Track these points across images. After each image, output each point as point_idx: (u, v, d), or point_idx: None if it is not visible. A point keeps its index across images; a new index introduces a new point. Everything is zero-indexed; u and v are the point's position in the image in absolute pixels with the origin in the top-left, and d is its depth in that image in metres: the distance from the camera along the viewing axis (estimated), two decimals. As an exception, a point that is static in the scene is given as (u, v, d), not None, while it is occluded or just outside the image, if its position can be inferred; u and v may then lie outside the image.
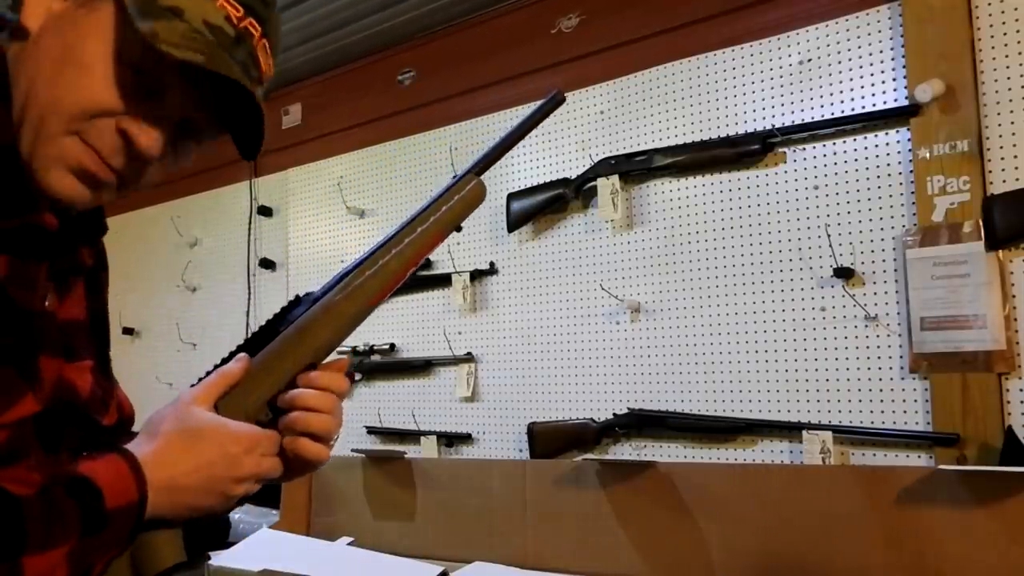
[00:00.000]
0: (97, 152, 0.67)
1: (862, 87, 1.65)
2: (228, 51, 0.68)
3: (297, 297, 0.80)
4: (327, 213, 2.59)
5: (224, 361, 0.77)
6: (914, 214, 1.57)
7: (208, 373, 0.76)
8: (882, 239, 1.61)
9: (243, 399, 0.74)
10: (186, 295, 2.99)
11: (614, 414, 1.89)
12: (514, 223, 2.08)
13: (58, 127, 0.65)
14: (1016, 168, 1.48)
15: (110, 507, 0.63)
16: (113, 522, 0.63)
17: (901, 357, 1.58)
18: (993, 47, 1.51)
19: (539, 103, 0.88)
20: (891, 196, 1.61)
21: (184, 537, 0.72)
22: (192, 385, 0.76)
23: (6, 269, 0.64)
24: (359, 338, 2.38)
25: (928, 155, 1.54)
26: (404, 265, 0.80)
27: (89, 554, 0.63)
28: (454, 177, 0.84)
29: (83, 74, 0.65)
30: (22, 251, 0.65)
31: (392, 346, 2.35)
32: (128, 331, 3.12)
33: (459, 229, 0.84)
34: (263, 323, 0.79)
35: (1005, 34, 1.50)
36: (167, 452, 0.68)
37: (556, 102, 0.88)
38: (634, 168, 1.90)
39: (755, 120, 1.78)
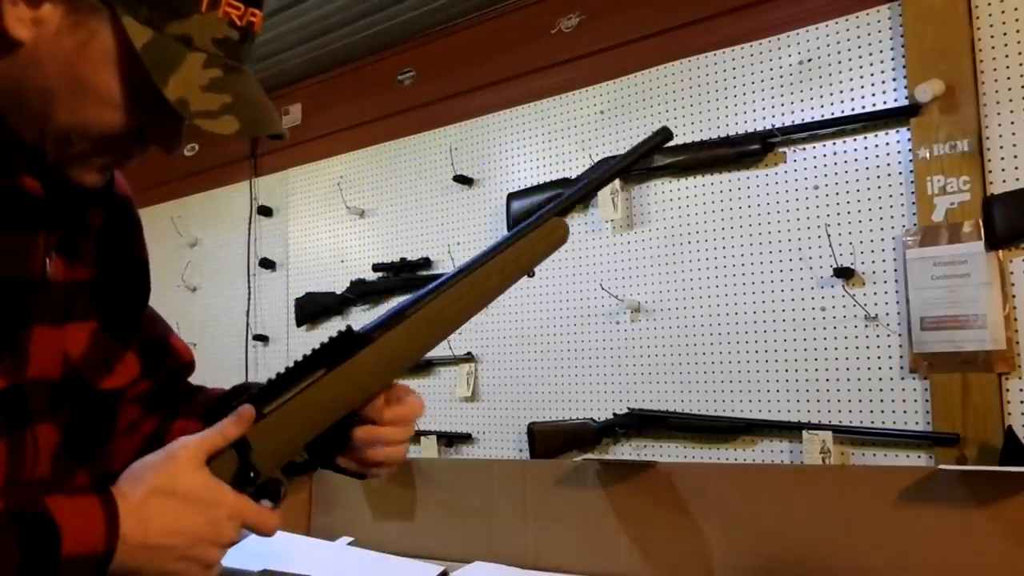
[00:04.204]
0: (126, 153, 0.72)
1: (862, 87, 1.65)
2: (238, 57, 0.70)
3: (323, 344, 0.75)
4: (327, 213, 2.59)
5: (227, 396, 0.74)
6: (914, 214, 1.57)
7: (210, 407, 0.74)
8: (882, 239, 1.61)
9: (232, 463, 0.72)
10: (186, 295, 2.98)
11: (614, 414, 1.89)
12: (514, 223, 2.08)
13: (90, 146, 0.69)
14: (1016, 168, 1.48)
15: (66, 553, 0.58)
16: (67, 570, 0.59)
17: (901, 357, 1.58)
18: (993, 47, 1.51)
19: (643, 139, 0.82)
20: (891, 196, 1.61)
21: None
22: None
23: None
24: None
25: (928, 155, 1.54)
26: (466, 309, 0.76)
27: None
28: (536, 216, 0.79)
29: (105, 108, 0.67)
30: (5, 218, 0.65)
31: (392, 346, 2.35)
32: (128, 331, 3.12)
33: (531, 274, 0.79)
34: (282, 372, 0.75)
35: (1005, 34, 1.50)
36: (146, 508, 0.64)
37: (666, 136, 0.83)
38: (634, 168, 1.90)
39: (755, 120, 1.78)
